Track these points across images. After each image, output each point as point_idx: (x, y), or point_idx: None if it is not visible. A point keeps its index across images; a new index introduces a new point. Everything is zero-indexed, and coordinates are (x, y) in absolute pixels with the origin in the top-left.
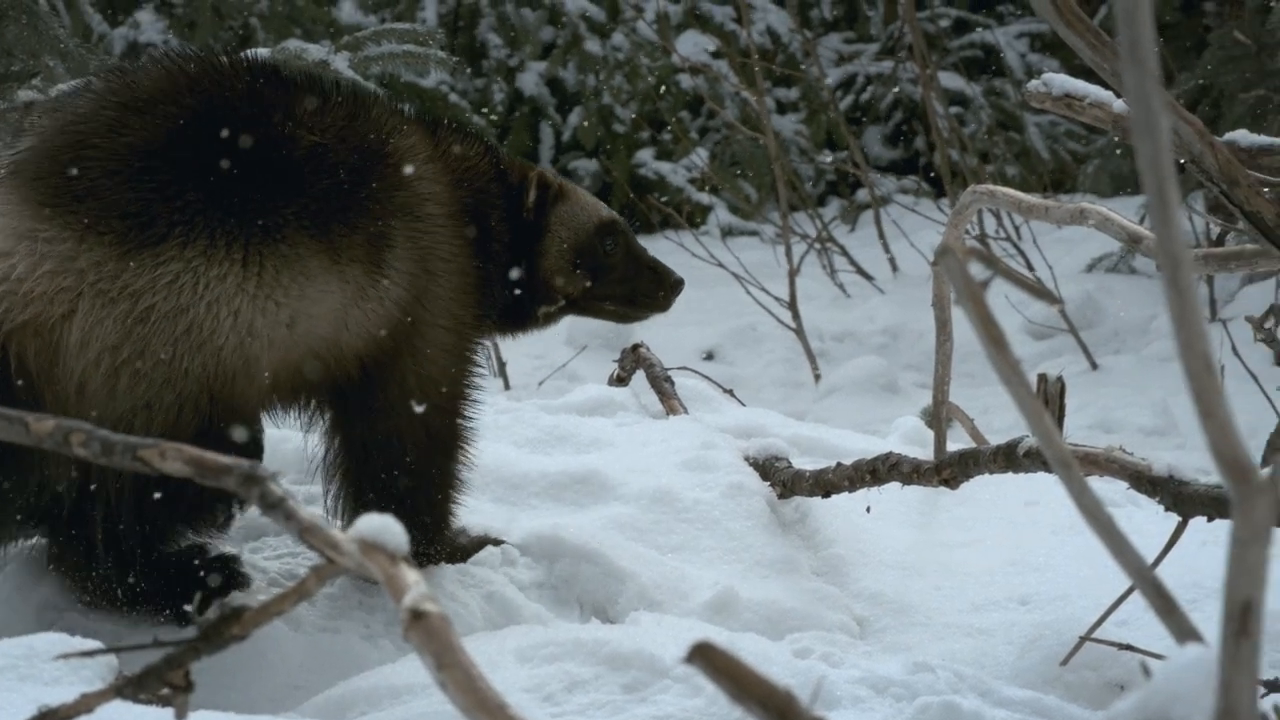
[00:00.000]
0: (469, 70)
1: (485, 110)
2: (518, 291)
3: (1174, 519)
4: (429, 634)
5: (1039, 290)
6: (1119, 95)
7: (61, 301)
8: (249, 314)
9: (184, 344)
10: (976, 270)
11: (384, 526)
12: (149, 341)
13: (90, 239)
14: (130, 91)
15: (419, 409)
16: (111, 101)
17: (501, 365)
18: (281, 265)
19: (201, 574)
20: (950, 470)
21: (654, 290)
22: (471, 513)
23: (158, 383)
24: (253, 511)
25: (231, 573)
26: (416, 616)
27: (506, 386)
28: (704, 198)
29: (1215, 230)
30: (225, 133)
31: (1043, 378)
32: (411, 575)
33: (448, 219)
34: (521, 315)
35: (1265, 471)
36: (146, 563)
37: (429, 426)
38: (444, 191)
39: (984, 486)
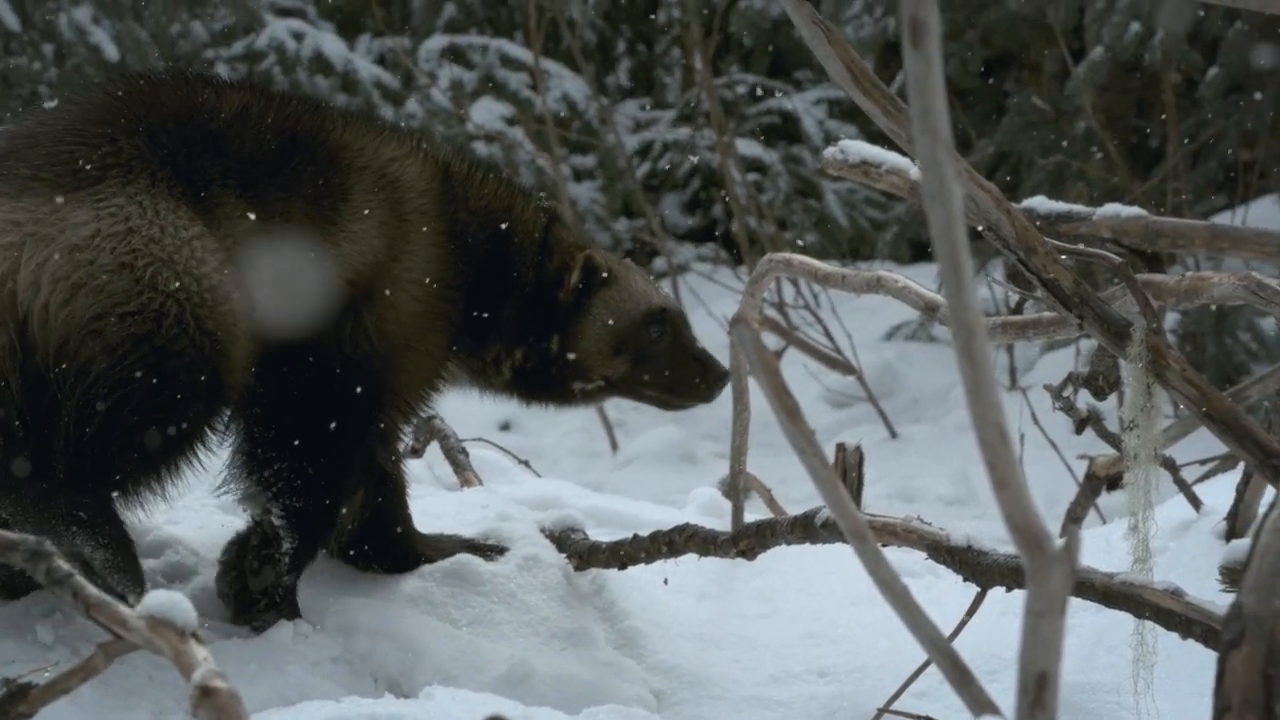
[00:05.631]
0: None
1: None
2: (552, 364)
3: (974, 589)
4: (218, 710)
5: (833, 360)
6: (916, 162)
7: (7, 258)
8: (210, 242)
9: (144, 255)
10: (771, 340)
11: (173, 603)
12: (98, 259)
13: (26, 194)
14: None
15: (367, 368)
16: (46, 109)
17: None
18: (231, 204)
19: None
20: (747, 541)
21: (696, 382)
22: None
23: (119, 291)
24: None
25: None
26: (206, 693)
27: None
28: None
29: (1014, 298)
30: (155, 112)
31: (841, 447)
32: (200, 652)
33: (428, 219)
34: (558, 389)
35: (1060, 542)
36: None
37: (362, 391)
38: (427, 200)
39: (782, 558)
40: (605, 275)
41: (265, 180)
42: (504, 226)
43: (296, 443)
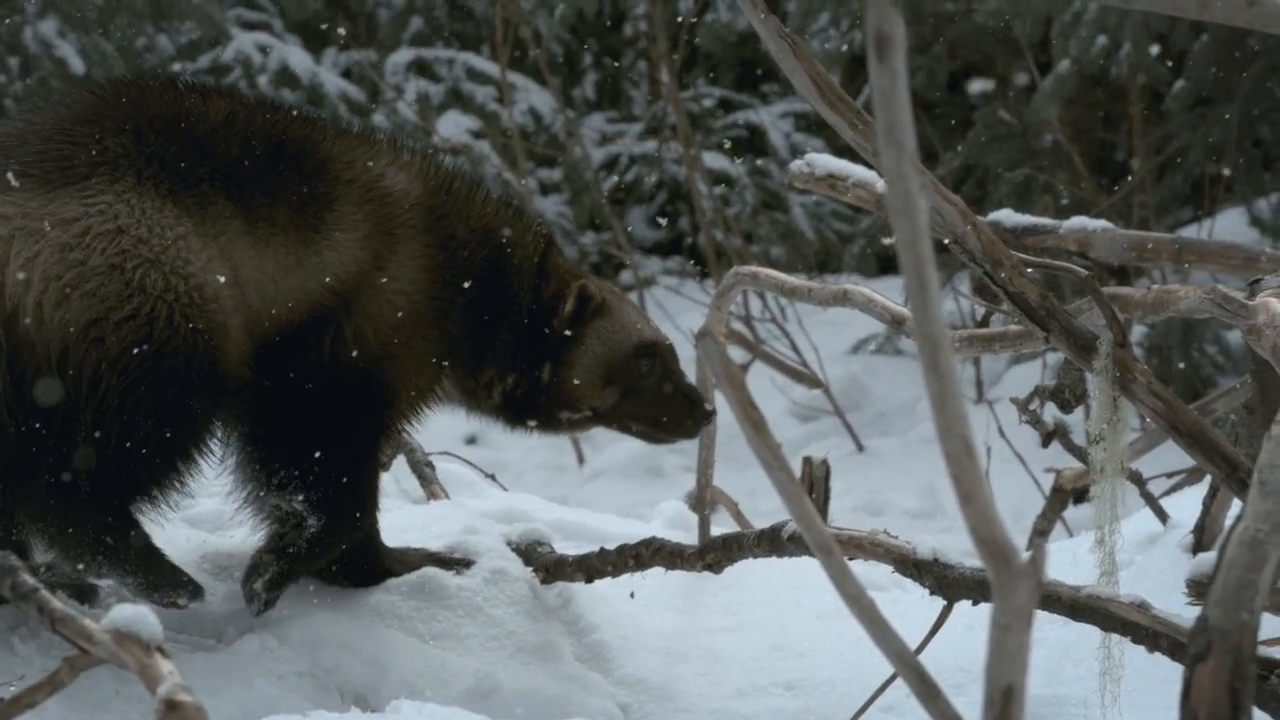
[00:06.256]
0: None
1: None
2: (541, 392)
3: (940, 602)
4: None
5: (799, 373)
6: (882, 175)
7: None
8: (196, 241)
9: (133, 257)
10: (737, 353)
11: (138, 616)
12: (89, 259)
13: (15, 190)
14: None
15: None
16: (33, 109)
17: None
18: (218, 205)
19: None
20: (714, 555)
21: (683, 418)
22: (228, 600)
23: (111, 295)
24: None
25: None
26: (171, 707)
27: None
28: None
29: (980, 311)
30: (144, 112)
31: (808, 460)
32: (166, 665)
33: (415, 233)
34: (545, 416)
35: (1026, 555)
36: None
37: (354, 394)
38: (415, 215)
39: (749, 571)
40: (599, 306)
41: (251, 185)
42: (501, 248)
43: (294, 444)
